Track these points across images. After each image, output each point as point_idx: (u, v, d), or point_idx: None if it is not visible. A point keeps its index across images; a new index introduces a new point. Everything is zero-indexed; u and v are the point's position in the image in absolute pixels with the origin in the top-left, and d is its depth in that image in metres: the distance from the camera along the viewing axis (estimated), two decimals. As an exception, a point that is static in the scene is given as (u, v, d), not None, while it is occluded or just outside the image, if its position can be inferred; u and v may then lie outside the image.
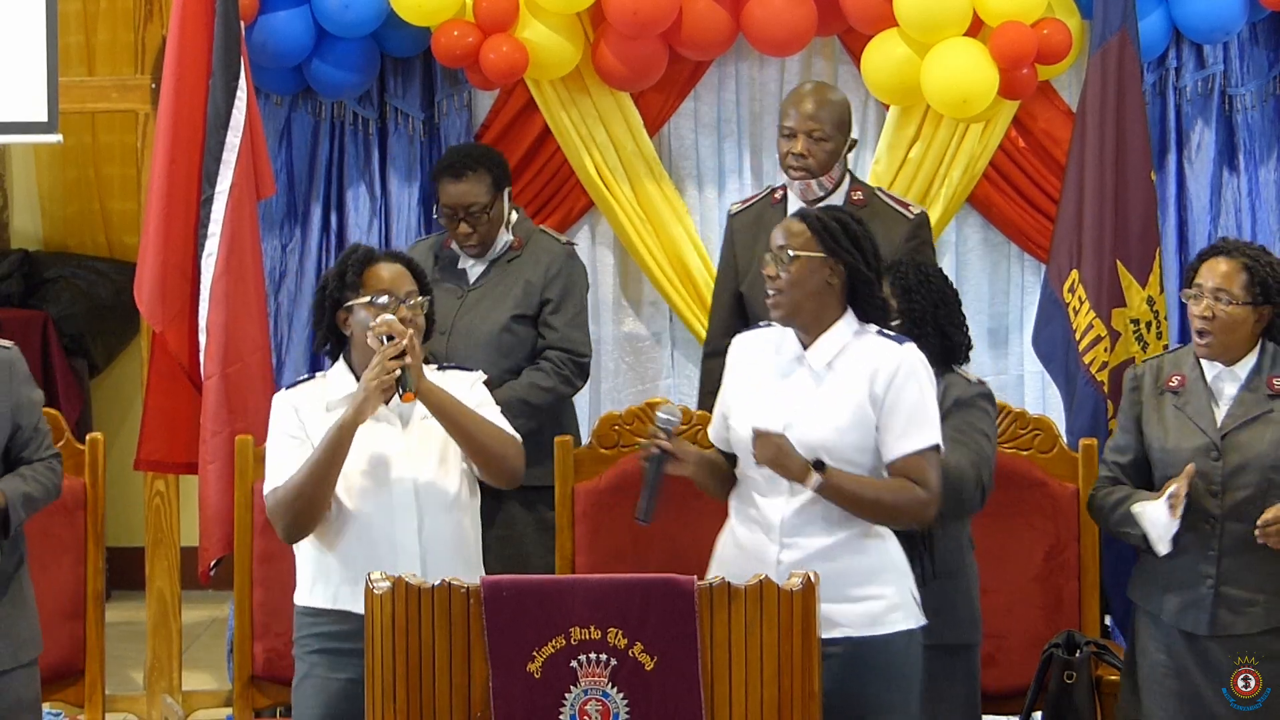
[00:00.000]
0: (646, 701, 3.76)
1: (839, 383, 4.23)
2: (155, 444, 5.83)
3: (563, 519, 5.20)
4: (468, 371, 4.59)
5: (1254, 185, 6.35)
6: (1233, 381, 4.75)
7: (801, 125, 5.49)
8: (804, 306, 4.25)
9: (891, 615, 4.23)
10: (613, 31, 6.12)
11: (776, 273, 4.24)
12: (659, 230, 6.32)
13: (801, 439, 4.19)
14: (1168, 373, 4.83)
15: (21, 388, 4.68)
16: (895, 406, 4.20)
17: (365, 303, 4.39)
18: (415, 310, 4.41)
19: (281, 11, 6.11)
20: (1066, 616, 5.20)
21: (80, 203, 8.18)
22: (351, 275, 4.43)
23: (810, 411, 4.22)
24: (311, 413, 4.43)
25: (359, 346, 4.42)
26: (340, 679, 4.34)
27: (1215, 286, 4.70)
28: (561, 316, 5.56)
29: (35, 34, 5.86)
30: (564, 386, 5.54)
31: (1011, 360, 6.48)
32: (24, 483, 4.63)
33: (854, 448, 4.22)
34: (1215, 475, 4.70)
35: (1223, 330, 4.71)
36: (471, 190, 5.52)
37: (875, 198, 5.60)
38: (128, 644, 6.48)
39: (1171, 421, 4.78)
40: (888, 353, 4.24)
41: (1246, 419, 4.71)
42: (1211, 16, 6.16)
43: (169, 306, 5.75)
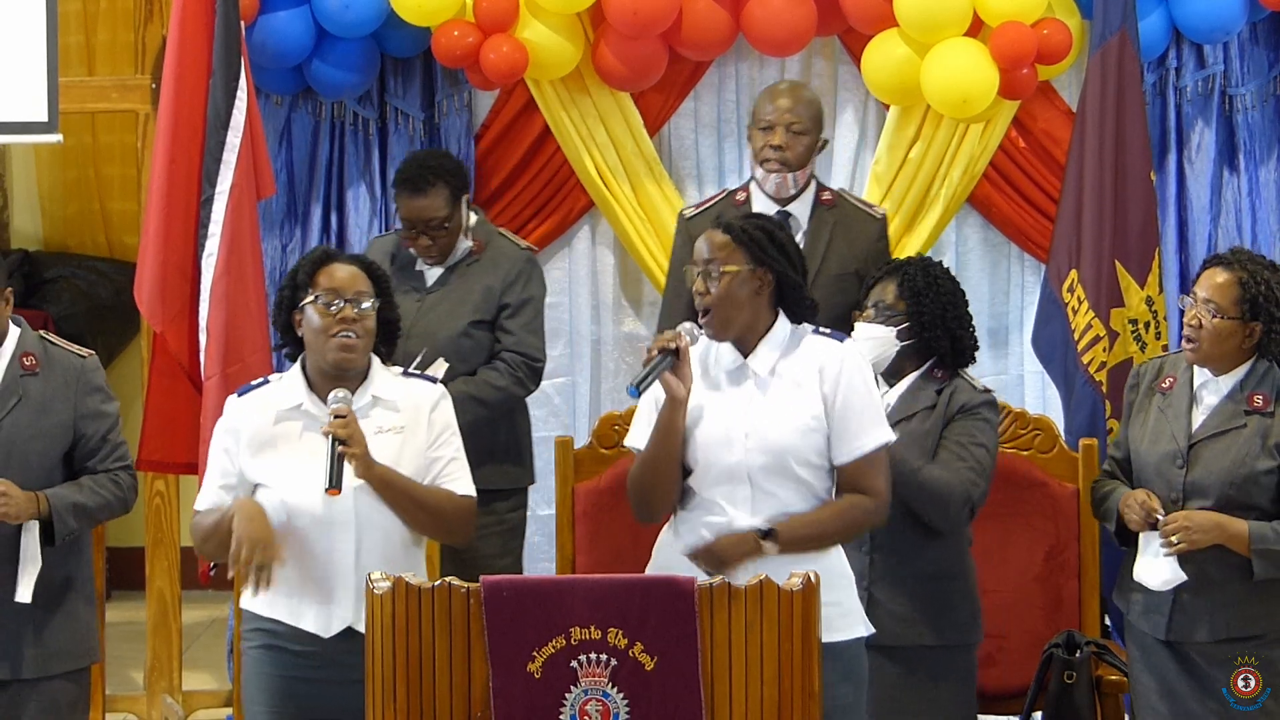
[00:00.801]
0: (647, 701, 3.76)
1: (788, 386, 4.20)
2: (155, 444, 5.83)
3: (563, 519, 5.20)
4: (432, 385, 4.49)
5: (1254, 185, 6.35)
6: (1215, 392, 4.75)
7: (780, 118, 5.54)
8: (737, 319, 4.20)
9: (845, 620, 4.21)
10: (613, 31, 6.12)
11: (706, 288, 4.19)
12: (659, 230, 6.32)
13: (762, 445, 4.16)
14: (1165, 373, 4.85)
15: (90, 397, 4.71)
16: (844, 407, 4.17)
17: (313, 301, 4.34)
18: (365, 313, 4.35)
19: (281, 11, 6.12)
20: (1066, 616, 5.21)
21: (80, 203, 8.19)
22: (303, 275, 4.38)
23: (767, 418, 4.18)
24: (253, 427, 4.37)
25: (309, 347, 4.38)
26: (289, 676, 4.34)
27: (1206, 297, 4.70)
28: (518, 321, 5.59)
29: (35, 34, 5.86)
30: (516, 388, 5.56)
31: (1011, 360, 6.48)
32: (78, 492, 4.65)
33: (815, 449, 4.18)
34: (1177, 484, 4.70)
35: (1209, 341, 4.71)
36: (431, 205, 5.53)
37: (843, 199, 5.68)
38: (128, 644, 6.48)
39: (1151, 424, 4.79)
40: (830, 351, 4.21)
41: (1217, 431, 4.71)
42: (1211, 16, 6.16)
43: (169, 306, 5.75)
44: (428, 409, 4.41)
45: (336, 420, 4.24)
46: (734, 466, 4.18)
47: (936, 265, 4.90)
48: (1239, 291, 4.68)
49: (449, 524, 4.40)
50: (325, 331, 4.32)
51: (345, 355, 4.32)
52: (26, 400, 4.65)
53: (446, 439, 4.41)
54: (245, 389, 4.47)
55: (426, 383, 4.49)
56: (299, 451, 4.33)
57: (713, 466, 4.20)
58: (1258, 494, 4.66)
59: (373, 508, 4.31)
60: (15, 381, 4.66)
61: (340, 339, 4.32)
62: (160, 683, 6.26)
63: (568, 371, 6.45)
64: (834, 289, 5.45)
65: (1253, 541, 4.62)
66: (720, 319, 4.19)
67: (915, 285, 4.79)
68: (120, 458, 4.75)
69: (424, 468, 4.37)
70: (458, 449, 4.43)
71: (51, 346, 4.75)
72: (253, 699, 4.41)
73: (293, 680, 4.34)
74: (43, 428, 4.66)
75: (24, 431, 4.63)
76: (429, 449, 4.38)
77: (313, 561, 4.30)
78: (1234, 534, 4.64)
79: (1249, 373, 4.73)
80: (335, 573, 4.29)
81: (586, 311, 6.48)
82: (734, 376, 4.23)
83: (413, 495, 4.32)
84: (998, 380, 6.28)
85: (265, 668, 4.37)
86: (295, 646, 4.33)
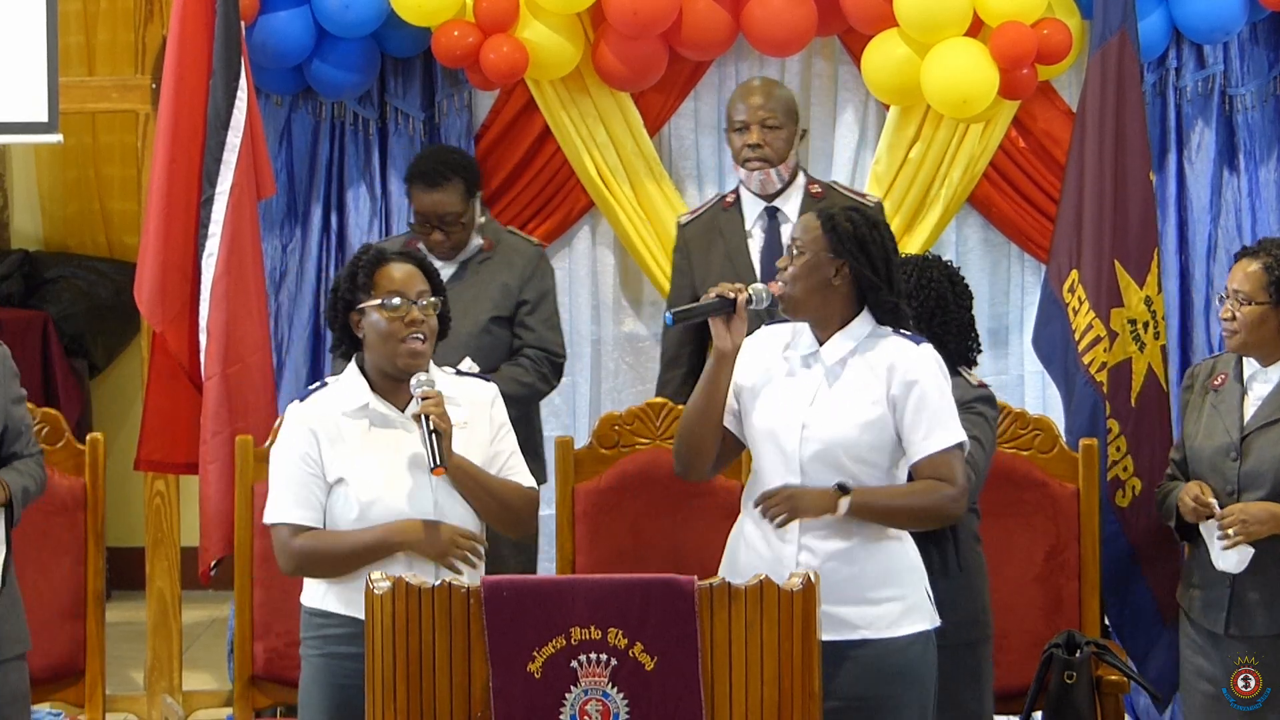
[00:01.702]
0: (647, 701, 3.76)
1: (853, 380, 4.23)
2: (155, 444, 5.83)
3: (563, 519, 5.20)
4: (485, 383, 4.52)
5: (1254, 185, 6.35)
6: (1265, 382, 4.80)
7: (753, 116, 5.62)
8: (808, 301, 4.25)
9: (909, 617, 4.23)
10: (613, 31, 6.12)
11: (786, 264, 4.26)
12: (659, 230, 6.32)
13: (818, 436, 4.19)
14: (1217, 371, 4.90)
15: (13, 382, 4.71)
16: (917, 407, 4.20)
17: (377, 304, 4.34)
18: (428, 311, 4.37)
19: (282, 11, 6.11)
20: (1066, 616, 5.21)
21: (80, 203, 8.19)
22: (363, 276, 4.38)
23: (825, 409, 4.22)
24: (327, 425, 4.36)
25: (372, 349, 4.38)
26: (348, 685, 4.29)
27: (1235, 288, 4.77)
28: (537, 317, 5.63)
29: (35, 34, 5.86)
30: (541, 384, 5.60)
31: (1011, 360, 6.48)
32: (20, 477, 4.65)
33: (870, 446, 4.21)
34: (1232, 476, 4.73)
35: (1244, 329, 4.76)
36: (446, 199, 5.55)
37: (833, 190, 5.75)
38: (128, 644, 6.48)
39: (1205, 420, 4.84)
40: (904, 353, 4.24)
41: (1268, 420, 4.74)
42: (1211, 16, 6.16)
43: (169, 306, 5.75)
44: (487, 405, 4.45)
45: (427, 401, 4.26)
46: (788, 454, 4.22)
47: (937, 265, 4.88)
48: (1265, 277, 4.76)
49: (518, 515, 4.44)
50: (393, 335, 4.33)
51: (415, 360, 4.34)
52: None
53: (505, 434, 4.46)
54: (305, 393, 4.47)
55: (481, 381, 4.54)
56: (369, 449, 4.33)
57: (769, 452, 4.24)
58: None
59: (450, 502, 4.34)
60: None
61: (410, 343, 4.33)
62: (160, 683, 6.26)
63: (568, 371, 6.42)
64: None
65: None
66: (790, 296, 4.25)
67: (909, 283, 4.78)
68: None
69: (488, 462, 4.40)
70: (515, 444, 4.48)
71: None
72: (312, 706, 4.38)
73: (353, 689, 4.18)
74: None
75: None
76: (491, 443, 4.42)
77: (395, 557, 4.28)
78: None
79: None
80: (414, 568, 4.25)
81: (586, 311, 6.48)
82: (805, 363, 4.28)
83: (488, 485, 4.36)
84: (998, 380, 6.28)
85: (325, 676, 4.34)
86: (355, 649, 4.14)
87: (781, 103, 5.66)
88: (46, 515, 4.92)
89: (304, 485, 4.34)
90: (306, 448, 4.35)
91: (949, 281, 4.84)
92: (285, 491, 4.36)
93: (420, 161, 5.69)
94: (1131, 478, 5.55)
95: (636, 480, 5.20)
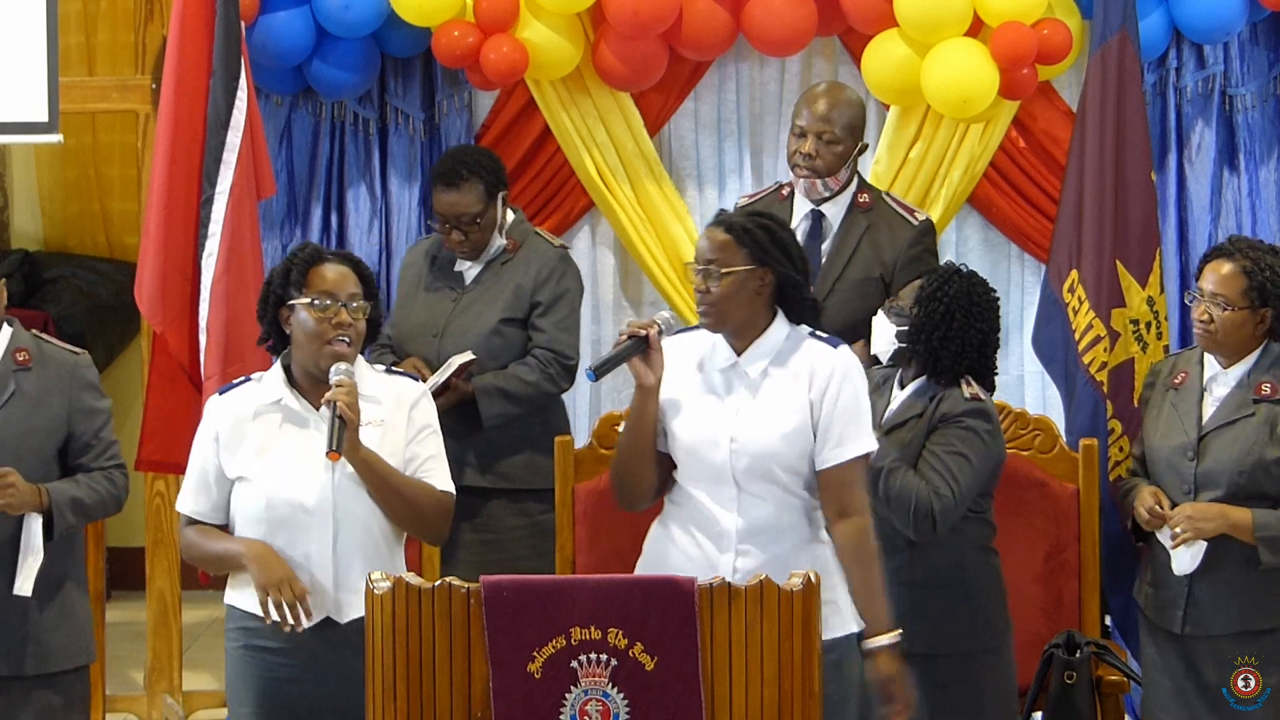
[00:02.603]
0: (647, 702, 3.76)
1: (777, 390, 4.19)
2: (155, 444, 5.83)
3: (563, 519, 5.20)
4: (414, 383, 4.50)
5: (1254, 185, 6.35)
6: (1225, 383, 4.78)
7: (812, 126, 5.47)
8: (734, 316, 4.19)
9: (839, 618, 4.20)
10: (613, 31, 6.12)
11: (706, 286, 4.17)
12: (659, 230, 6.32)
13: (747, 449, 4.15)
14: (1178, 369, 4.88)
15: (84, 393, 4.72)
16: (831, 413, 4.16)
17: (307, 303, 4.33)
18: (356, 314, 4.35)
19: (282, 11, 6.12)
20: (1066, 616, 5.20)
21: (80, 203, 8.18)
22: (296, 273, 4.37)
23: (754, 422, 4.18)
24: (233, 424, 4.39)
25: (298, 346, 4.37)
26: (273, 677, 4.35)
27: (1213, 291, 4.73)
28: (550, 319, 5.56)
29: (35, 34, 5.86)
30: (548, 384, 5.53)
31: (1011, 360, 6.48)
32: (75, 488, 4.66)
33: (798, 455, 4.17)
34: (1188, 476, 4.72)
35: (1223, 332, 4.74)
36: (463, 200, 5.52)
37: (882, 201, 5.60)
38: (128, 644, 6.48)
39: (1164, 419, 4.83)
40: (823, 357, 4.19)
41: (1225, 421, 4.73)
42: (1211, 16, 6.16)
43: (169, 306, 5.75)
44: (408, 405, 4.43)
45: (339, 389, 4.26)
46: (719, 467, 4.18)
47: (960, 280, 4.82)
48: (1245, 281, 4.72)
49: (425, 516, 4.41)
50: (320, 336, 4.33)
51: (339, 361, 4.33)
52: (21, 395, 4.66)
53: (426, 436, 4.42)
54: (226, 388, 4.50)
55: (409, 380, 4.51)
56: (278, 445, 4.35)
57: (697, 465, 4.21)
58: (1267, 483, 4.68)
59: (352, 499, 4.32)
60: (9, 376, 4.66)
61: (336, 345, 4.33)
62: (160, 683, 6.26)
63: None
64: (854, 294, 5.43)
65: (1257, 529, 4.64)
66: (716, 315, 4.18)
67: (925, 291, 4.78)
68: (113, 456, 4.76)
69: (402, 463, 4.38)
70: (437, 447, 4.44)
71: (45, 344, 4.76)
72: (239, 699, 4.42)
73: (276, 681, 4.34)
74: (37, 423, 4.66)
75: (18, 426, 4.64)
76: (408, 444, 4.39)
77: (291, 552, 4.31)
78: (1237, 522, 4.65)
79: (1258, 361, 4.76)
80: (313, 564, 4.30)
81: (587, 311, 6.46)
82: (725, 376, 4.23)
83: (392, 482, 4.33)
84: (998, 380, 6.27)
85: (249, 669, 4.38)
86: (275, 643, 4.33)
87: (844, 118, 5.46)
88: (46, 515, 4.91)
89: (202, 477, 4.41)
90: (209, 443, 4.41)
91: (967, 298, 4.78)
92: (188, 482, 4.45)
93: (441, 162, 5.67)
94: (1132, 478, 5.55)
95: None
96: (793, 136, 5.54)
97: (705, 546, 4.20)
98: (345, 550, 4.31)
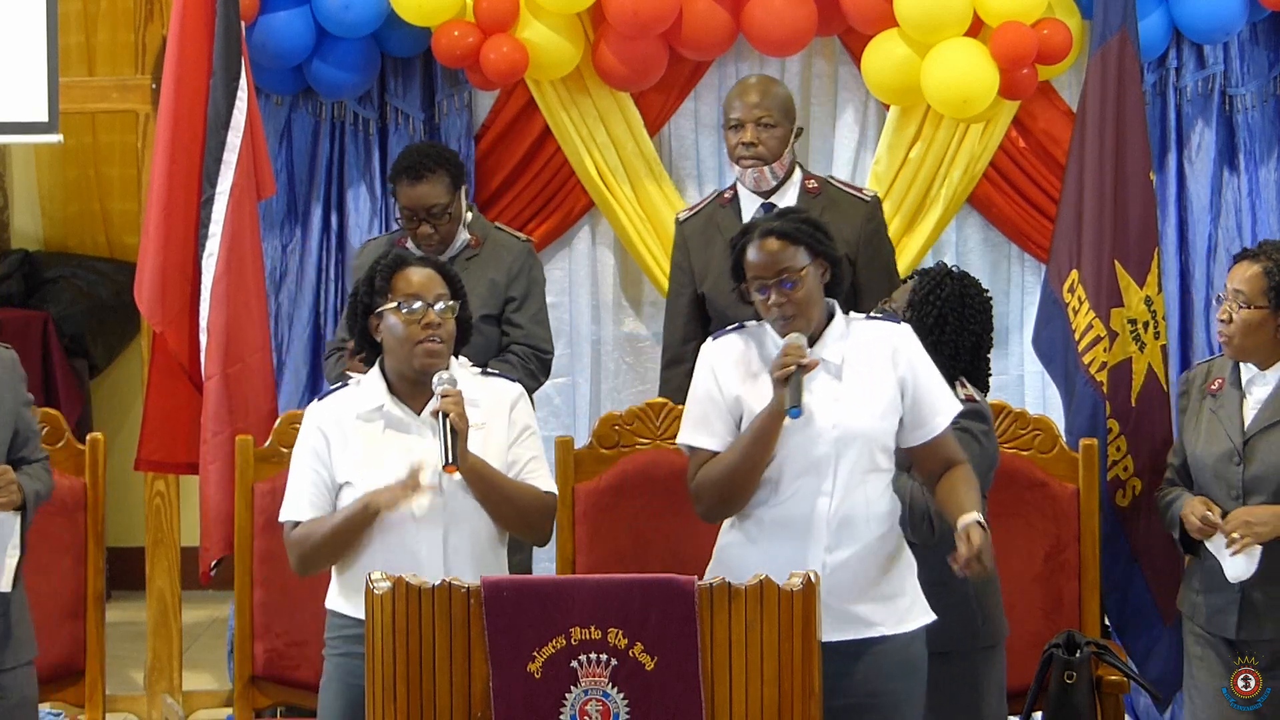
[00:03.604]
0: (647, 702, 3.77)
1: (860, 372, 4.23)
2: (155, 444, 5.83)
3: (563, 519, 5.20)
4: (509, 384, 4.50)
5: (1254, 185, 6.35)
6: (1264, 385, 4.79)
7: (748, 114, 5.60)
8: (814, 314, 4.24)
9: (914, 611, 4.28)
10: (613, 31, 6.12)
11: (785, 297, 4.18)
12: (659, 230, 6.32)
13: (849, 433, 4.18)
14: (1213, 376, 4.88)
15: (20, 387, 4.72)
16: (921, 386, 4.25)
17: (394, 308, 4.34)
18: (445, 314, 4.36)
19: (282, 11, 6.12)
20: (1066, 616, 5.21)
21: (80, 203, 8.19)
22: (381, 281, 4.38)
23: (846, 406, 4.21)
24: (338, 427, 4.37)
25: (390, 352, 4.37)
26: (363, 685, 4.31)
27: (1235, 289, 4.75)
28: (525, 313, 5.61)
29: (35, 34, 5.86)
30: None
31: (1011, 360, 6.48)
32: (32, 481, 4.67)
33: (889, 433, 4.24)
34: (1236, 481, 4.72)
35: (1240, 333, 4.75)
36: (431, 191, 5.54)
37: (830, 184, 5.74)
38: (128, 644, 6.48)
39: (1205, 426, 4.83)
40: (894, 334, 4.28)
41: (1270, 423, 4.74)
42: (1211, 16, 6.16)
43: (169, 306, 5.75)
44: (508, 407, 4.43)
45: (446, 399, 4.26)
46: (820, 460, 4.19)
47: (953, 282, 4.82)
48: (1265, 281, 4.74)
49: (532, 519, 4.42)
50: (410, 339, 4.33)
51: (432, 361, 4.33)
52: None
53: (527, 438, 4.44)
54: (325, 392, 4.49)
55: (506, 381, 4.51)
56: (382, 451, 4.33)
57: (796, 461, 4.20)
58: None
59: (462, 504, 4.32)
60: None
61: (426, 345, 4.33)
62: (160, 683, 6.26)
63: (568, 371, 6.44)
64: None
65: None
66: (806, 319, 4.21)
67: (917, 294, 4.77)
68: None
69: (505, 465, 4.38)
70: (538, 447, 4.46)
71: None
72: (329, 708, 4.39)
73: None
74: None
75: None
76: (510, 447, 4.40)
77: (402, 559, 4.24)
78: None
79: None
80: (424, 570, 4.19)
81: (586, 311, 6.48)
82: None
83: (502, 488, 4.34)
84: (998, 380, 6.25)
85: (346, 677, 4.33)
86: None
87: (777, 101, 5.65)
88: (47, 515, 4.91)
89: (314, 485, 4.37)
90: (317, 447, 4.38)
91: (959, 301, 4.78)
92: (294, 490, 4.39)
93: (403, 157, 5.69)
94: (1132, 478, 5.55)
95: (636, 480, 5.20)
96: (729, 131, 5.66)
97: (794, 545, 4.19)
98: (455, 555, 4.30)
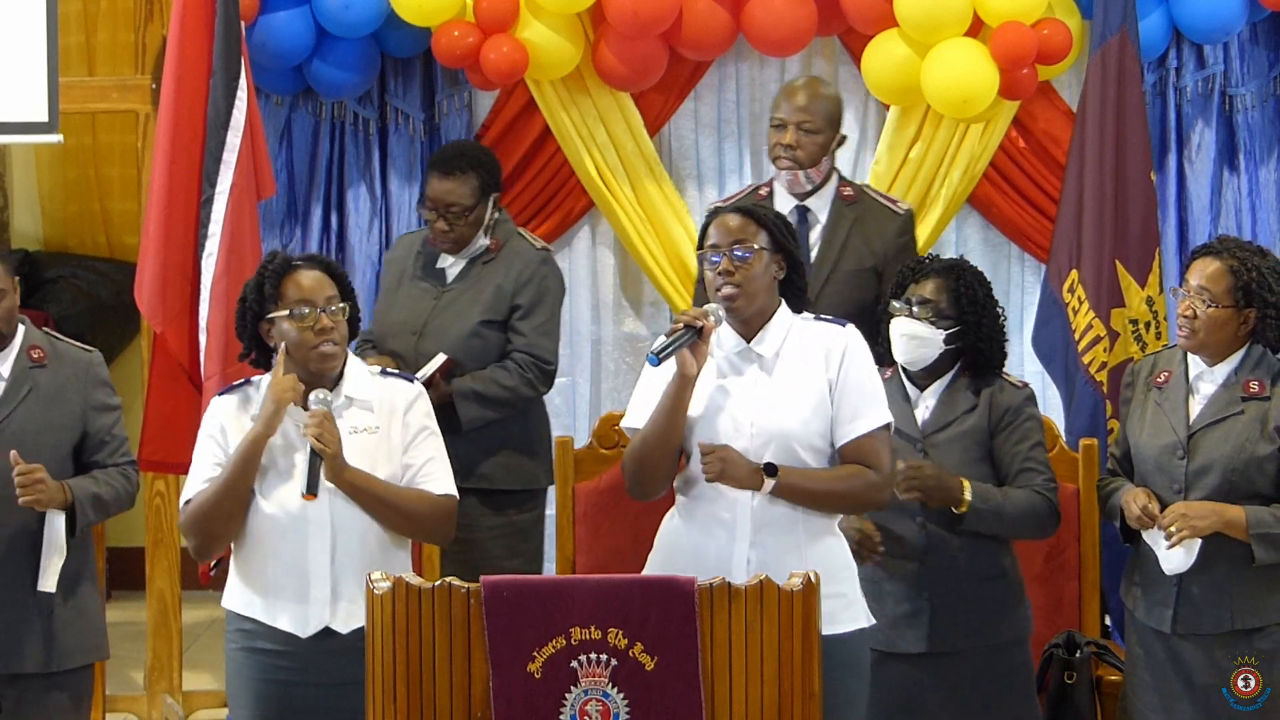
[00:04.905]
0: (647, 701, 3.76)
1: (791, 370, 4.21)
2: (155, 444, 5.83)
3: (563, 519, 5.20)
4: (408, 384, 4.47)
5: (1254, 185, 6.35)
6: (1211, 381, 4.76)
7: (792, 117, 5.54)
8: (758, 298, 4.22)
9: (851, 612, 4.22)
10: (613, 31, 6.12)
11: (733, 267, 4.18)
12: (659, 230, 6.33)
13: (766, 431, 4.16)
14: (1160, 368, 4.86)
15: (98, 390, 4.77)
16: (845, 389, 4.19)
17: (286, 315, 4.32)
18: (336, 317, 4.34)
19: (282, 11, 6.12)
20: (1066, 616, 5.21)
21: (80, 203, 8.18)
22: (269, 286, 4.35)
23: (770, 403, 4.19)
24: (237, 422, 4.37)
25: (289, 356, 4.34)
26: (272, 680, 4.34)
27: (1199, 286, 4.72)
28: (530, 323, 5.50)
29: (35, 34, 5.86)
30: (525, 389, 5.47)
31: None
32: (94, 484, 4.69)
33: (818, 434, 4.19)
34: (1179, 475, 4.71)
35: (1204, 330, 4.72)
36: (455, 190, 5.49)
37: (865, 194, 5.68)
38: (128, 644, 6.48)
39: (1149, 418, 4.81)
40: (834, 336, 4.24)
41: (1214, 419, 4.72)
42: (1211, 16, 6.16)
43: (169, 307, 5.75)
44: (402, 409, 4.40)
45: (310, 424, 4.24)
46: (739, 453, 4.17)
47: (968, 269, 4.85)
48: (1231, 280, 4.70)
49: (425, 525, 4.40)
50: (305, 344, 4.32)
51: (328, 364, 4.33)
52: (37, 391, 4.70)
53: (423, 439, 4.41)
54: (227, 389, 4.47)
55: (404, 382, 4.48)
56: (273, 452, 4.33)
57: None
58: (1260, 480, 4.67)
59: (348, 509, 4.31)
60: (25, 373, 4.70)
61: (322, 349, 4.32)
62: (160, 683, 6.26)
63: (568, 371, 6.45)
64: (850, 284, 5.48)
65: (1250, 526, 4.63)
66: (748, 298, 4.19)
67: (971, 291, 4.76)
68: (125, 453, 4.81)
69: (400, 468, 4.36)
70: (436, 448, 4.42)
71: (57, 341, 4.80)
72: (237, 701, 4.42)
73: (273, 683, 4.34)
74: (53, 419, 4.69)
75: (36, 422, 4.67)
76: (405, 450, 4.38)
77: (289, 561, 4.30)
78: (1231, 520, 4.64)
79: (1243, 360, 4.75)
80: (311, 573, 4.29)
81: (586, 311, 6.49)
82: (737, 361, 4.24)
83: (384, 499, 4.32)
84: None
85: (247, 671, 4.37)
86: (272, 646, 4.33)
87: (823, 107, 5.57)
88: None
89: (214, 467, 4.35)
90: (215, 435, 4.36)
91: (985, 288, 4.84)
92: (195, 477, 4.38)
93: (444, 149, 5.67)
94: (1132, 478, 5.55)
95: (636, 480, 5.20)
96: (773, 130, 5.62)
97: (718, 537, 4.20)
98: (343, 560, 4.29)
